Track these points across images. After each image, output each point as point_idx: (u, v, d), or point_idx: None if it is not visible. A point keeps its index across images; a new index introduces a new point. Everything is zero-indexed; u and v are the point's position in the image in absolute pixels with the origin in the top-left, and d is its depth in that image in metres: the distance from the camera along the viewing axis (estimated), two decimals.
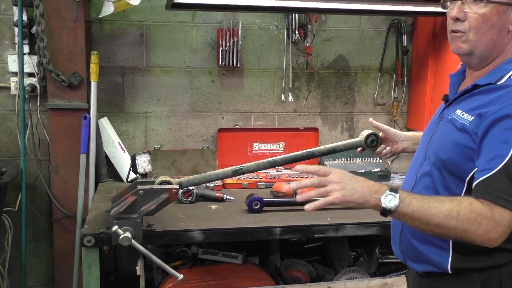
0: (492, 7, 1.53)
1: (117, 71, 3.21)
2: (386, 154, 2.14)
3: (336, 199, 1.49)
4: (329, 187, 1.50)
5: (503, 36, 1.57)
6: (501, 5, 1.53)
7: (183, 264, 2.72)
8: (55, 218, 3.00)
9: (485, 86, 1.57)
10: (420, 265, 1.69)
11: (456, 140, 1.56)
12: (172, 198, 2.15)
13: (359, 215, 2.53)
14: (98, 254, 2.23)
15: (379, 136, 2.12)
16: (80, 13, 2.80)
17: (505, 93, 1.49)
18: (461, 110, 1.59)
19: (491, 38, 1.56)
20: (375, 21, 3.48)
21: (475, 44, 1.58)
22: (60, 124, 2.92)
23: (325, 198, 1.50)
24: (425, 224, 1.47)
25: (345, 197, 1.49)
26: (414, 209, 1.46)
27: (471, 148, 1.52)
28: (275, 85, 3.42)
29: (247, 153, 3.36)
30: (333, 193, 1.50)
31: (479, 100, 1.55)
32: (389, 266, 2.96)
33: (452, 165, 1.57)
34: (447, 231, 1.45)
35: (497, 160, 1.42)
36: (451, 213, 1.43)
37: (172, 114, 3.31)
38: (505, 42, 1.58)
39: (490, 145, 1.46)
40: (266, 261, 2.93)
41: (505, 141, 1.43)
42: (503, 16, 1.54)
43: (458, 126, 1.56)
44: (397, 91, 3.58)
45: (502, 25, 1.55)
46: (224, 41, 3.19)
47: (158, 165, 3.10)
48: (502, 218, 1.42)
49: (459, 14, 1.57)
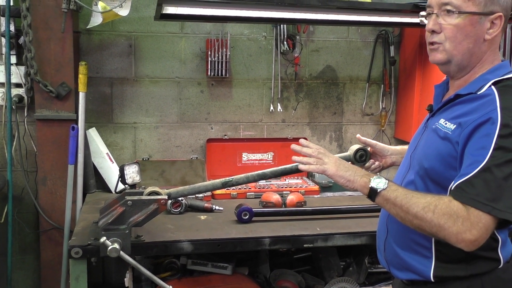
0: (465, 17, 1.58)
1: (105, 81, 3.20)
2: (375, 169, 2.17)
3: (329, 169, 1.71)
4: (325, 159, 1.74)
5: (479, 45, 1.61)
6: (474, 15, 1.58)
7: (172, 275, 2.71)
8: (42, 229, 2.97)
9: (466, 96, 1.60)
10: (404, 273, 1.71)
11: (439, 149, 1.59)
12: (161, 209, 2.14)
13: (348, 225, 2.54)
14: (86, 266, 2.21)
15: (367, 151, 2.14)
16: (68, 24, 2.80)
17: (484, 102, 1.53)
18: (444, 119, 1.62)
19: (467, 47, 1.61)
20: (363, 32, 3.51)
21: (452, 53, 1.62)
22: (47, 135, 2.90)
23: (320, 166, 1.71)
24: (404, 213, 1.53)
25: (338, 170, 1.70)
26: (397, 195, 1.55)
27: (453, 156, 1.54)
28: (264, 95, 3.43)
29: (236, 163, 3.36)
30: (328, 164, 1.72)
31: (460, 109, 1.59)
32: (378, 275, 2.97)
33: (435, 173, 1.60)
34: (423, 223, 1.49)
35: (474, 166, 1.45)
36: (429, 205, 1.48)
37: (161, 125, 3.31)
38: (482, 50, 1.62)
39: (469, 152, 1.49)
40: (255, 271, 2.92)
41: (483, 147, 1.46)
42: (477, 26, 1.59)
43: (441, 135, 1.59)
44: (385, 101, 3.60)
45: (477, 34, 1.60)
46: (213, 51, 3.20)
47: (146, 175, 3.09)
48: (478, 220, 1.43)
49: (434, 26, 1.63)
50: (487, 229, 1.45)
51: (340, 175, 1.69)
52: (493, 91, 1.54)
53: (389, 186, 1.58)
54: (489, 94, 1.54)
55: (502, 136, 1.44)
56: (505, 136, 1.44)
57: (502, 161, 1.43)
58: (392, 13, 2.86)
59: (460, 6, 1.58)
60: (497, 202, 1.43)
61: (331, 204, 2.87)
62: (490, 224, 1.44)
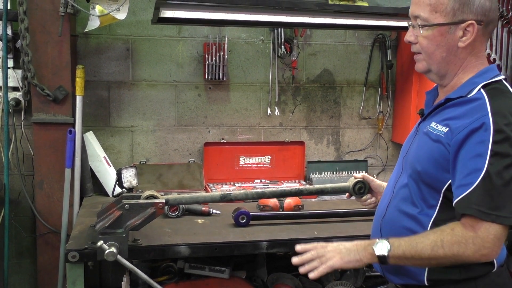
0: (433, 29, 1.61)
1: (102, 85, 3.20)
2: (370, 204, 2.18)
3: (335, 262, 1.63)
4: (328, 255, 1.66)
5: (454, 53, 1.63)
6: (442, 26, 1.60)
7: (169, 279, 2.70)
8: (39, 233, 2.96)
9: (456, 99, 1.62)
10: (398, 278, 1.71)
11: (431, 151, 1.60)
12: (158, 213, 2.14)
13: (345, 228, 2.54)
14: (83, 270, 2.20)
15: (366, 184, 2.16)
16: (65, 27, 2.79)
17: (475, 106, 1.54)
18: (435, 122, 1.63)
19: (441, 56, 1.63)
20: (360, 35, 3.52)
21: (428, 62, 1.67)
22: (44, 139, 2.89)
23: (326, 264, 1.64)
24: (419, 260, 1.54)
25: (343, 258, 1.63)
26: (404, 250, 1.55)
27: (446, 158, 1.55)
28: (261, 99, 3.43)
29: (233, 167, 3.36)
30: (332, 258, 1.64)
31: (451, 112, 1.60)
32: (375, 279, 2.97)
33: (428, 176, 1.60)
34: (440, 260, 1.51)
35: (475, 175, 1.46)
36: (436, 243, 1.50)
37: (158, 128, 3.31)
38: (460, 57, 1.63)
39: (465, 160, 1.49)
40: (253, 275, 2.92)
41: (479, 155, 1.46)
42: (447, 36, 1.61)
43: (433, 138, 1.60)
44: (382, 105, 3.61)
45: (449, 44, 1.61)
46: (210, 55, 3.20)
47: (144, 179, 3.09)
48: (487, 233, 1.45)
49: (410, 38, 1.68)
50: (499, 238, 1.47)
51: (347, 261, 1.64)
52: (483, 94, 1.56)
53: (392, 245, 1.57)
54: (479, 98, 1.55)
55: (496, 142, 1.45)
56: (499, 142, 1.46)
57: (500, 168, 1.44)
58: (389, 17, 2.87)
59: (427, 19, 1.61)
60: (501, 210, 1.44)
61: (329, 207, 2.88)
62: (500, 233, 1.46)
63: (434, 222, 1.60)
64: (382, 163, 3.67)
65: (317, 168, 3.44)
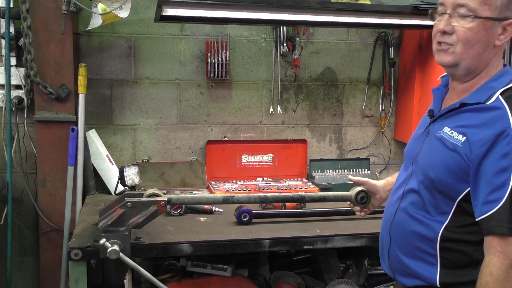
0: (479, 22, 1.54)
1: (105, 83, 3.20)
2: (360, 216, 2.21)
3: None
4: None
5: (489, 51, 1.58)
6: (488, 20, 1.54)
7: (172, 277, 2.70)
8: (42, 231, 2.97)
9: (473, 105, 1.57)
10: (410, 280, 1.69)
11: (447, 160, 1.56)
12: (160, 211, 2.15)
13: (348, 226, 2.54)
14: (86, 267, 2.20)
15: (369, 193, 2.17)
16: (68, 26, 2.79)
17: (495, 116, 1.50)
18: (449, 127, 1.59)
19: (478, 52, 1.57)
20: (362, 34, 3.51)
21: (462, 56, 1.58)
22: (47, 137, 2.90)
23: None
24: None
25: None
26: None
27: (463, 169, 1.52)
28: (264, 97, 3.43)
29: (236, 165, 3.36)
30: None
31: (468, 119, 1.56)
32: (378, 277, 2.96)
33: (442, 185, 1.57)
34: None
35: (501, 191, 1.43)
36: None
37: (160, 126, 3.31)
38: (490, 56, 1.59)
39: (489, 175, 1.46)
40: (255, 273, 2.92)
41: (503, 170, 1.44)
42: (490, 31, 1.55)
43: (449, 146, 1.56)
44: (385, 103, 3.60)
45: (488, 40, 1.56)
46: (212, 53, 3.20)
47: (146, 177, 3.09)
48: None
49: (447, 27, 1.57)
50: None
51: None
52: (503, 103, 1.52)
53: None
54: (499, 107, 1.51)
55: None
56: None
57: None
58: (391, 15, 2.86)
59: (476, 10, 1.53)
60: None
61: (331, 205, 2.87)
62: None
63: (446, 228, 1.58)
64: (385, 161, 3.66)
65: (320, 166, 3.44)
